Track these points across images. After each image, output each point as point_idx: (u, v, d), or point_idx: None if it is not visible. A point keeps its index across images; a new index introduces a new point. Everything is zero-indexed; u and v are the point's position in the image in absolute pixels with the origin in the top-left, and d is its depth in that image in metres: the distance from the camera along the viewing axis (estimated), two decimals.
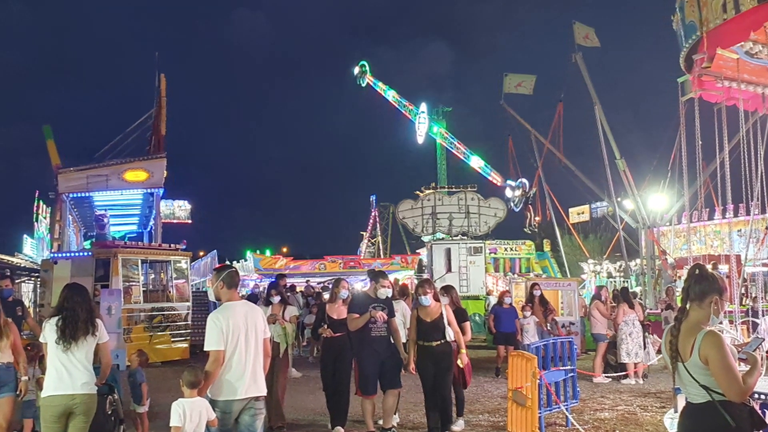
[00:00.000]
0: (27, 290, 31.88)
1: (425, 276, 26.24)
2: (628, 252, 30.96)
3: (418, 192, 44.63)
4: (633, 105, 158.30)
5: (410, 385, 11.88)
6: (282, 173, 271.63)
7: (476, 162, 56.41)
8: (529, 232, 44.53)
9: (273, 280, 13.27)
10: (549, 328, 16.22)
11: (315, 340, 15.96)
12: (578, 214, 56.89)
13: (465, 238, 31.67)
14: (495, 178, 54.14)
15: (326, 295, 18.69)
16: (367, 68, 62.64)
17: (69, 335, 5.88)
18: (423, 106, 58.96)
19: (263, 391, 5.73)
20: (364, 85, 62.48)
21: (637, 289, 28.56)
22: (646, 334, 14.77)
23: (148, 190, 25.21)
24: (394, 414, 9.49)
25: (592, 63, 30.80)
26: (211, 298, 22.50)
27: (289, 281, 24.96)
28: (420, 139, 59.51)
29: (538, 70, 41.68)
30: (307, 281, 30.46)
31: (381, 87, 61.13)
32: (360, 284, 32.55)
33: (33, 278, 29.53)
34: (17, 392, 6.86)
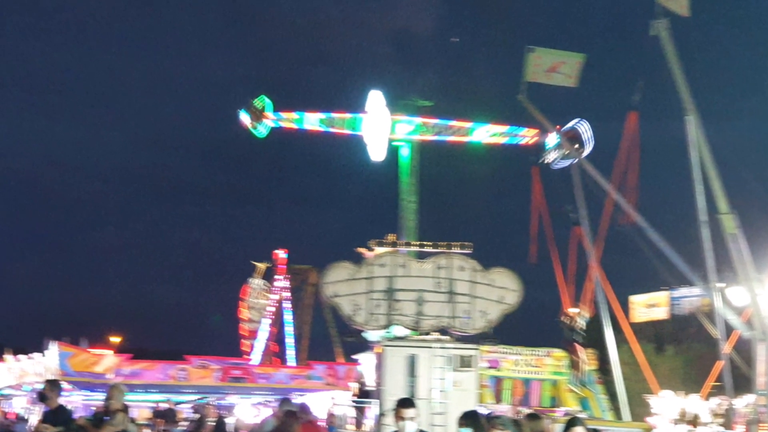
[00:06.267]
0: None
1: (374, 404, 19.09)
2: (737, 381, 20.91)
3: (362, 249, 30.43)
4: (751, 120, 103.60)
5: None
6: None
7: (485, 133, 34.33)
8: (571, 335, 29.41)
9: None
10: None
11: None
12: (648, 306, 39.91)
13: (445, 338, 18.73)
14: (529, 135, 34.71)
15: None
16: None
17: None
18: (373, 98, 35.44)
19: None
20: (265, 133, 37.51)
21: None
22: None
23: None
24: None
25: (681, 42, 21.04)
26: None
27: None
28: (376, 154, 36.56)
29: (587, 48, 28.26)
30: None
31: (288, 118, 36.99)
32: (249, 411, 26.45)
33: None
34: None
